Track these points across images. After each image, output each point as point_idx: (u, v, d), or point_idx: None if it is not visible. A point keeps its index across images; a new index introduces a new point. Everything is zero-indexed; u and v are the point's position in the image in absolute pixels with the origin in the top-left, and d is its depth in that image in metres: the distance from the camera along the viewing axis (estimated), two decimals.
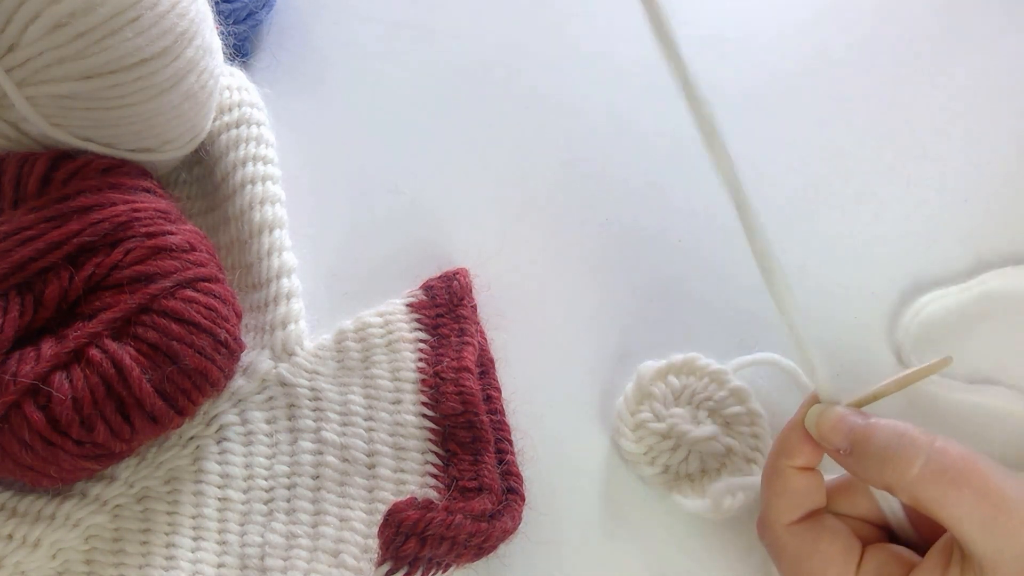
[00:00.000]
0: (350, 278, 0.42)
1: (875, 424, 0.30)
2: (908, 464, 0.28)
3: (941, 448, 0.28)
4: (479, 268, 0.41)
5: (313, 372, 0.38)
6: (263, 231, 0.40)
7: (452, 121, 0.46)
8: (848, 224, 0.43)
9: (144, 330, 0.33)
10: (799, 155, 0.45)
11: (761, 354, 0.39)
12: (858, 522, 0.33)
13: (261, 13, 0.47)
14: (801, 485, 0.32)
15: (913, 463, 0.28)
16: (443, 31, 0.49)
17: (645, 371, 0.38)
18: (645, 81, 0.47)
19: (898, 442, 0.29)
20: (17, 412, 0.31)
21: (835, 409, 0.31)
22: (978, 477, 0.28)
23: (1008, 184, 0.44)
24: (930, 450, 0.28)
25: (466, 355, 0.37)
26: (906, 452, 0.29)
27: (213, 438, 0.37)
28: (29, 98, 0.34)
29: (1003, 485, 0.28)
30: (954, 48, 0.48)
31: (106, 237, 0.34)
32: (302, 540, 0.35)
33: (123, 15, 0.33)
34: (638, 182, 0.44)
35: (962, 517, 0.28)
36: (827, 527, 0.31)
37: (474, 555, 0.33)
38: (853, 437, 0.30)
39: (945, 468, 0.28)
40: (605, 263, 0.42)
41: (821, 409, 0.31)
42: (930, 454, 0.28)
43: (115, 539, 0.35)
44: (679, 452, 0.37)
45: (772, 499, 0.32)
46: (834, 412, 0.31)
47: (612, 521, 0.37)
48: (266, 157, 0.42)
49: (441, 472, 0.36)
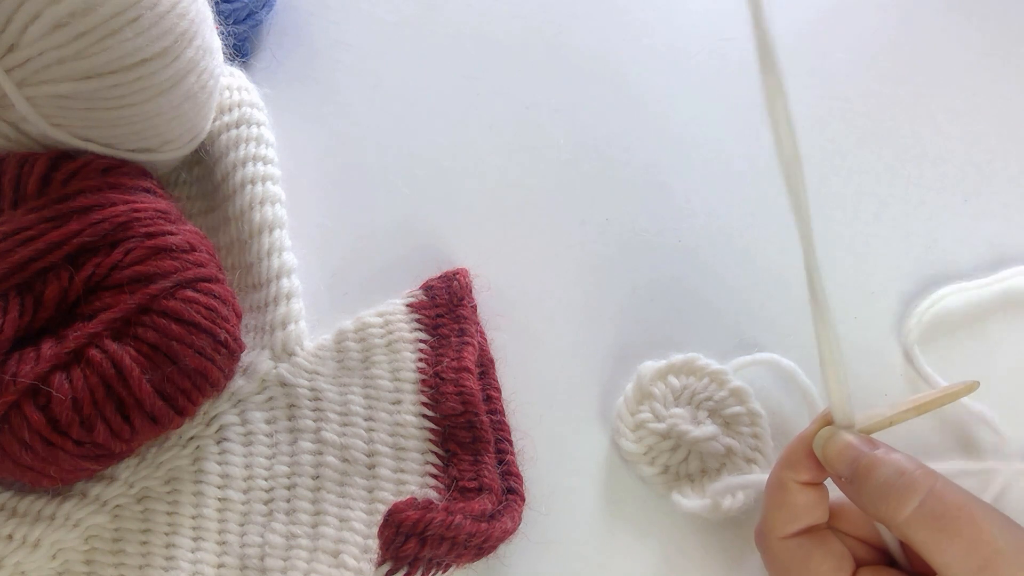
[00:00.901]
0: (350, 278, 0.42)
1: (879, 458, 0.30)
2: (902, 504, 0.28)
3: (939, 492, 0.28)
4: (479, 268, 0.41)
5: (313, 372, 0.38)
6: (263, 231, 0.39)
7: (452, 121, 0.46)
8: (848, 224, 0.43)
9: (144, 330, 0.33)
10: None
11: (761, 354, 0.39)
12: (858, 542, 0.32)
13: (261, 13, 0.47)
14: (802, 500, 0.31)
15: (908, 504, 0.28)
16: (443, 31, 0.49)
17: (645, 371, 0.38)
18: (646, 82, 0.47)
19: (897, 480, 0.29)
20: (17, 412, 0.31)
21: (843, 436, 0.31)
22: (971, 526, 0.27)
23: (1012, 183, 0.44)
24: (927, 493, 0.28)
25: (466, 355, 0.37)
26: (903, 492, 0.28)
27: (213, 438, 0.37)
28: (29, 98, 0.34)
29: (996, 536, 0.27)
30: (954, 48, 0.48)
31: (106, 237, 0.34)
32: (302, 540, 0.35)
33: (123, 15, 0.33)
34: (638, 182, 0.44)
35: (950, 564, 0.27)
36: (821, 544, 0.31)
37: (474, 555, 0.33)
38: (856, 466, 0.30)
39: (939, 514, 0.28)
40: (605, 263, 0.42)
41: (830, 432, 0.31)
42: (926, 497, 0.28)
43: (115, 539, 0.35)
44: (679, 452, 0.37)
45: (771, 510, 0.32)
46: (842, 439, 0.31)
47: (612, 521, 0.37)
48: (266, 157, 0.41)
49: (441, 472, 0.36)
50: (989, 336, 0.40)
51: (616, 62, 0.48)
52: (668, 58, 0.48)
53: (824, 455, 0.31)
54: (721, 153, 0.45)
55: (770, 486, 0.32)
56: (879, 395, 0.39)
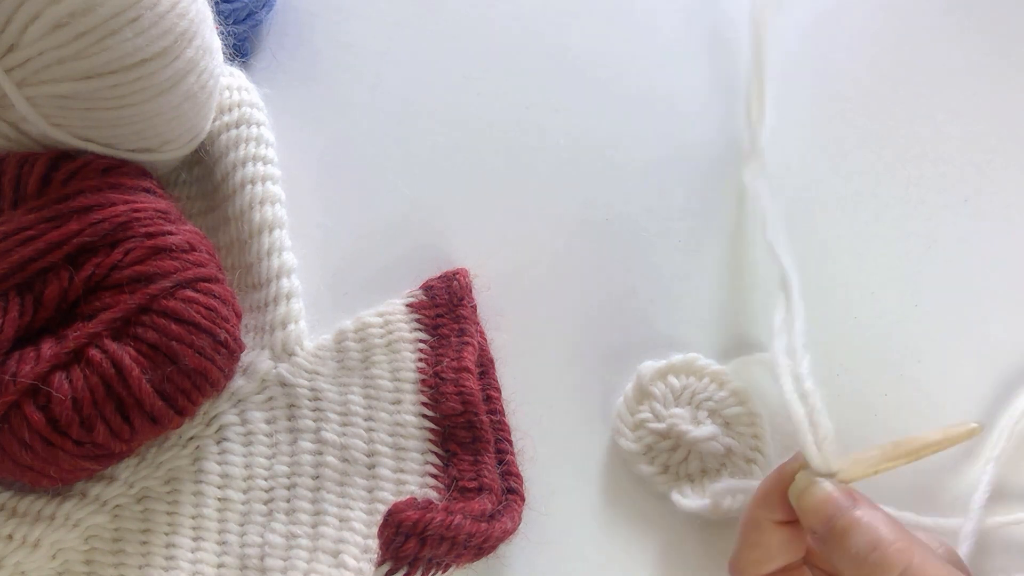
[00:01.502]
0: (350, 278, 0.42)
1: (856, 521, 0.28)
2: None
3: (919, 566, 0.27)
4: (479, 268, 0.41)
5: (313, 372, 0.38)
6: (263, 231, 0.39)
7: (452, 121, 0.46)
8: (848, 224, 0.43)
9: (144, 330, 0.33)
10: (799, 155, 0.45)
11: (761, 354, 0.39)
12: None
13: (261, 13, 0.47)
14: (776, 540, 0.30)
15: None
16: (443, 31, 0.49)
17: (645, 371, 0.38)
18: (646, 82, 0.47)
19: (870, 554, 0.27)
20: (17, 412, 0.31)
21: (822, 487, 0.29)
22: None
23: (1012, 183, 0.44)
24: (906, 567, 0.27)
25: (466, 355, 0.37)
26: (875, 568, 0.27)
27: (213, 438, 0.37)
28: (29, 98, 0.34)
29: None
30: (954, 48, 0.48)
31: (106, 237, 0.34)
32: (302, 540, 0.35)
33: (123, 15, 0.33)
34: (638, 182, 0.44)
35: None
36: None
37: (474, 555, 0.33)
38: (831, 526, 0.28)
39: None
40: (605, 263, 0.42)
41: (807, 482, 0.29)
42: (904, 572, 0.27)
43: (115, 539, 0.35)
44: (679, 452, 0.37)
45: (745, 549, 0.31)
46: (820, 491, 0.29)
47: (612, 521, 0.37)
48: (266, 157, 0.41)
49: (441, 472, 0.36)
50: None
51: (616, 62, 0.48)
52: (668, 58, 0.48)
53: (799, 505, 0.29)
54: (721, 153, 0.45)
55: (744, 524, 0.31)
56: (879, 395, 0.39)
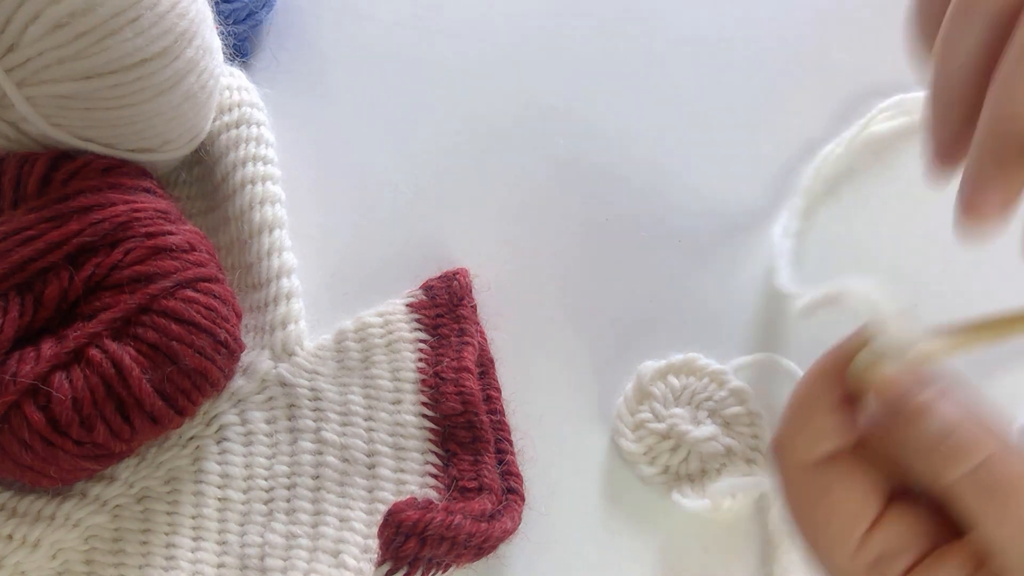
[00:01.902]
0: (350, 278, 0.42)
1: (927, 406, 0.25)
2: (947, 469, 0.24)
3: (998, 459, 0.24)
4: (479, 268, 0.41)
5: (313, 372, 0.38)
6: (263, 231, 0.40)
7: (452, 121, 0.46)
8: (848, 223, 0.43)
9: (144, 330, 0.33)
10: (798, 155, 0.45)
11: (761, 354, 0.39)
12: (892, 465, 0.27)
13: (261, 13, 0.47)
14: (828, 424, 0.26)
15: (954, 469, 0.24)
16: (443, 31, 0.49)
17: (645, 371, 0.38)
18: (646, 82, 0.47)
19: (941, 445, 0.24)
20: (17, 412, 0.31)
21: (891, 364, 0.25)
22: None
23: None
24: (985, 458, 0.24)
25: (466, 355, 0.37)
26: (949, 455, 0.24)
27: (213, 438, 0.37)
28: (29, 98, 0.34)
29: None
30: None
31: (106, 237, 0.34)
32: (302, 540, 0.35)
33: (123, 15, 0.33)
34: (639, 182, 0.44)
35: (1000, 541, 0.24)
36: (845, 475, 0.26)
37: (474, 555, 0.33)
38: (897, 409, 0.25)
39: (993, 486, 0.24)
40: (605, 263, 0.42)
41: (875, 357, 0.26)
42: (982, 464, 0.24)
43: (115, 539, 0.35)
44: (679, 452, 0.37)
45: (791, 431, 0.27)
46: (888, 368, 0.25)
47: (612, 521, 0.37)
48: (266, 157, 0.42)
49: (441, 472, 0.36)
50: None
51: (616, 62, 0.48)
52: (668, 58, 0.48)
53: (862, 385, 0.26)
54: (721, 153, 0.45)
55: (793, 403, 0.27)
56: None
